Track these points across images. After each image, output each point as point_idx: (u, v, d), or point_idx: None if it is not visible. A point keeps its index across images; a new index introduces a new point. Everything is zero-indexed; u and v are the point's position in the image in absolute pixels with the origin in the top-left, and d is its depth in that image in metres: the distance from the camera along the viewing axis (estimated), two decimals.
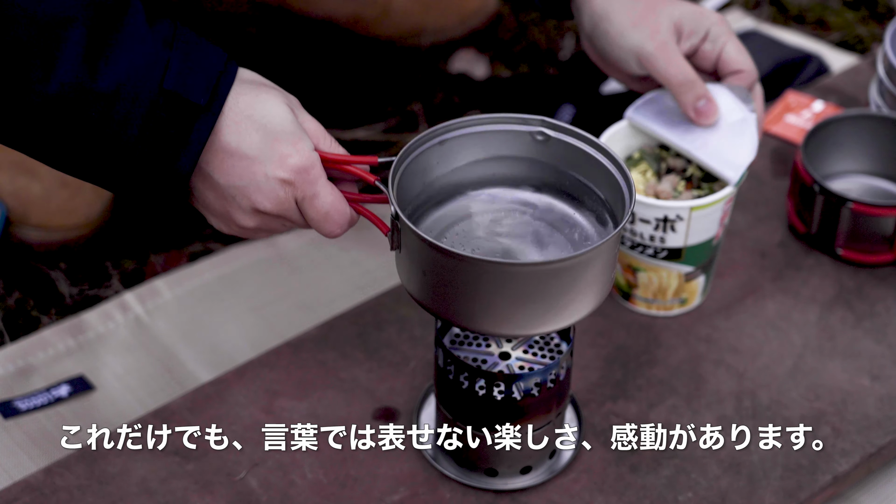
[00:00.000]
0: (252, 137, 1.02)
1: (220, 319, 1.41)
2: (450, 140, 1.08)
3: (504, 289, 0.99)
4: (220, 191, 1.04)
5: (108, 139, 0.99)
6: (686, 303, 1.29)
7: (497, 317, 1.01)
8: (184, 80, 0.99)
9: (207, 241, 1.53)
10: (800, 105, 1.53)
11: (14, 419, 1.28)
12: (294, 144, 1.03)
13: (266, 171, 1.02)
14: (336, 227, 1.06)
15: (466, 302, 1.01)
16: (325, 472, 1.14)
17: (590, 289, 1.02)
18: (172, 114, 0.99)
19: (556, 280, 1.00)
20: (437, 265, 1.01)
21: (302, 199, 1.04)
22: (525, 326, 1.02)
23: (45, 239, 1.48)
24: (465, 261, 0.99)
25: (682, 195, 1.23)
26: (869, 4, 1.92)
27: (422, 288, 1.03)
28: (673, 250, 1.24)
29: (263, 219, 1.05)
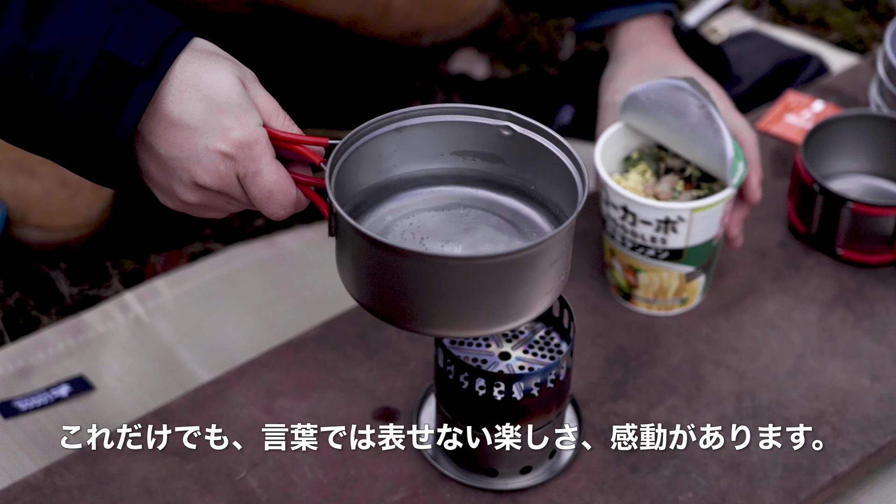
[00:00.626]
0: (195, 107, 0.98)
1: (220, 319, 1.41)
2: (409, 128, 1.04)
3: (435, 283, 0.95)
4: (161, 162, 1.00)
5: (45, 102, 0.97)
6: (686, 302, 1.29)
7: (429, 315, 0.97)
8: (125, 43, 0.96)
9: (207, 241, 1.53)
10: (800, 105, 1.53)
11: (14, 419, 1.28)
12: (238, 118, 0.99)
13: (207, 143, 0.98)
14: (279, 207, 1.01)
15: (397, 297, 0.97)
16: (325, 472, 1.14)
17: (536, 289, 0.97)
18: (111, 77, 0.96)
19: (513, 272, 0.95)
20: (373, 260, 0.96)
21: (244, 176, 1.00)
22: (465, 327, 0.98)
23: (45, 239, 1.48)
24: (388, 250, 0.94)
25: (682, 195, 1.23)
26: (869, 4, 1.92)
27: (361, 287, 0.99)
28: (674, 251, 1.24)
29: (205, 194, 1.01)
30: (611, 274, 1.29)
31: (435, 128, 1.05)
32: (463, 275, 0.95)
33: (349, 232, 0.97)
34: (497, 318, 0.98)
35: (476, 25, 1.82)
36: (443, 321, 0.98)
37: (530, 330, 1.14)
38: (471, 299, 0.96)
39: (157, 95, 0.98)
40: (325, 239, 1.50)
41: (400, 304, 0.97)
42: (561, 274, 1.00)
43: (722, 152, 1.20)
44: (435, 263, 0.95)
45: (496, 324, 0.98)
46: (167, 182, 1.01)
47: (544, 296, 0.99)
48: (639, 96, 1.24)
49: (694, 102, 1.20)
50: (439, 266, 0.95)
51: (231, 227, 1.55)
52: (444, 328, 0.98)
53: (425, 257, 0.95)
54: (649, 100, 1.23)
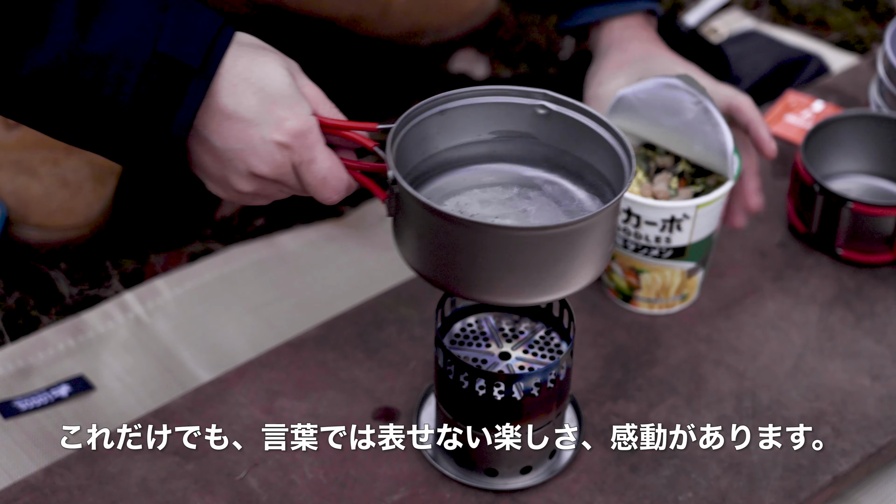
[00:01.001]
0: (249, 100, 1.01)
1: (220, 319, 1.41)
2: (451, 110, 1.07)
3: (500, 254, 0.98)
4: (217, 154, 1.03)
5: (101, 103, 0.99)
6: (686, 298, 1.29)
7: (493, 284, 1.00)
8: (177, 43, 0.99)
9: (207, 241, 1.53)
10: (800, 105, 1.53)
11: (14, 419, 1.28)
12: (291, 108, 1.02)
13: (263, 134, 1.01)
14: (333, 192, 1.04)
15: (463, 268, 1.00)
16: (325, 472, 1.14)
17: (586, 260, 1.01)
18: (166, 76, 0.99)
19: (553, 247, 0.98)
20: (434, 230, 0.99)
21: (299, 164, 1.03)
22: (519, 295, 1.01)
23: (46, 239, 1.48)
24: (462, 224, 0.98)
25: (680, 193, 1.23)
26: (869, 4, 1.92)
27: (418, 255, 1.02)
28: (678, 249, 1.24)
29: (260, 183, 1.04)
30: (609, 278, 1.29)
31: (474, 109, 1.08)
32: (520, 245, 0.98)
33: (413, 206, 1.00)
34: (548, 288, 1.01)
35: (476, 25, 1.82)
36: (498, 289, 1.01)
37: (530, 330, 1.14)
38: (526, 268, 0.99)
39: (211, 90, 1.01)
40: (325, 239, 1.50)
41: (460, 272, 1.00)
42: (609, 247, 1.03)
43: (722, 146, 1.20)
44: (499, 234, 0.98)
45: (546, 293, 1.01)
46: (222, 173, 1.04)
47: (592, 267, 1.02)
48: (629, 98, 1.23)
49: (689, 99, 1.20)
50: (502, 237, 0.98)
51: (231, 227, 1.55)
52: (499, 296, 1.01)
53: (489, 228, 0.98)
54: (640, 100, 1.23)
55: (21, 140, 1.48)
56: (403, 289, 1.31)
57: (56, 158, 1.48)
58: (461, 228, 0.98)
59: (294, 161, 1.03)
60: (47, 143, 1.48)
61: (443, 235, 0.99)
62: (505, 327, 1.15)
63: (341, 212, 1.57)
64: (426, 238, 1.01)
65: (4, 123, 1.48)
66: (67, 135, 1.02)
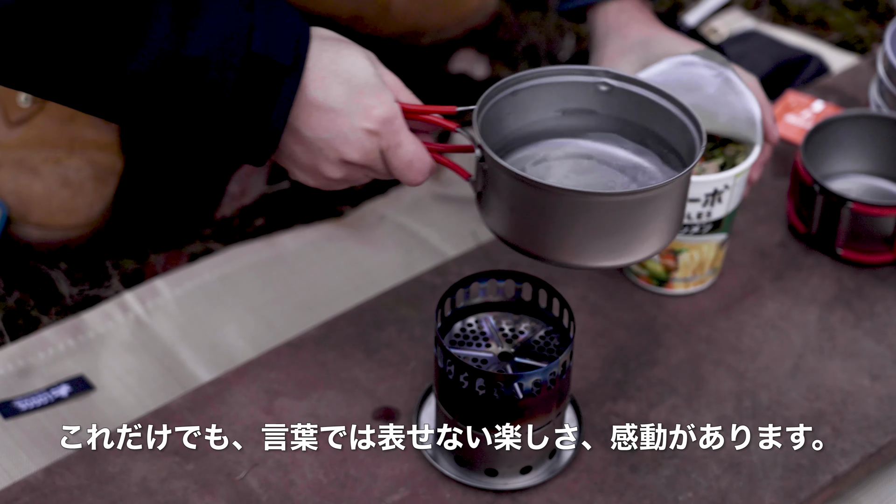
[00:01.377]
0: (337, 91, 1.06)
1: (220, 319, 1.41)
2: (521, 91, 1.12)
3: (590, 219, 1.03)
4: (307, 144, 1.08)
5: (201, 103, 1.03)
6: (717, 271, 1.32)
7: (584, 248, 1.05)
8: (270, 43, 1.03)
9: (207, 241, 1.53)
10: (800, 105, 1.53)
11: (14, 419, 1.28)
12: (377, 96, 1.07)
13: (352, 122, 1.06)
14: (419, 174, 1.09)
15: (555, 234, 1.04)
16: (325, 472, 1.14)
17: (667, 222, 1.06)
18: (261, 75, 1.04)
19: (642, 210, 1.04)
20: (526, 200, 1.04)
21: (387, 149, 1.08)
22: (608, 258, 1.05)
23: (46, 238, 1.48)
24: (556, 192, 1.02)
25: (706, 168, 1.24)
26: (869, 4, 1.92)
27: (510, 225, 1.07)
28: (716, 222, 1.26)
29: (350, 169, 1.09)
30: (641, 266, 1.30)
31: (541, 89, 1.13)
32: (608, 210, 1.03)
33: (505, 179, 1.04)
34: (632, 251, 1.06)
35: (476, 25, 1.82)
36: (587, 253, 1.05)
37: (530, 330, 1.14)
38: (625, 230, 1.05)
39: (301, 83, 1.05)
40: (325, 239, 1.50)
41: (550, 239, 1.05)
42: (683, 212, 1.09)
43: (749, 114, 1.23)
44: (590, 200, 1.03)
45: (630, 256, 1.06)
46: (313, 162, 1.09)
47: (669, 230, 1.07)
48: None
49: (709, 73, 1.21)
50: (592, 203, 1.03)
51: (231, 227, 1.55)
52: (587, 259, 1.06)
53: (582, 195, 1.03)
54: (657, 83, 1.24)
55: (23, 139, 1.48)
56: (403, 289, 1.31)
57: (58, 158, 1.48)
58: (554, 196, 1.03)
59: (382, 146, 1.08)
60: (49, 143, 1.48)
61: (534, 204, 1.04)
62: (505, 327, 1.15)
63: (341, 212, 1.57)
64: (517, 208, 1.05)
65: (6, 122, 1.48)
66: (164, 131, 1.07)
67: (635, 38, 1.31)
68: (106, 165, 1.51)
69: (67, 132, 1.49)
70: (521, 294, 1.16)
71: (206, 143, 1.07)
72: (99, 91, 1.02)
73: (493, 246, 1.36)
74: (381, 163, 1.09)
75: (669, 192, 1.05)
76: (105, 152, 1.51)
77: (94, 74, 1.01)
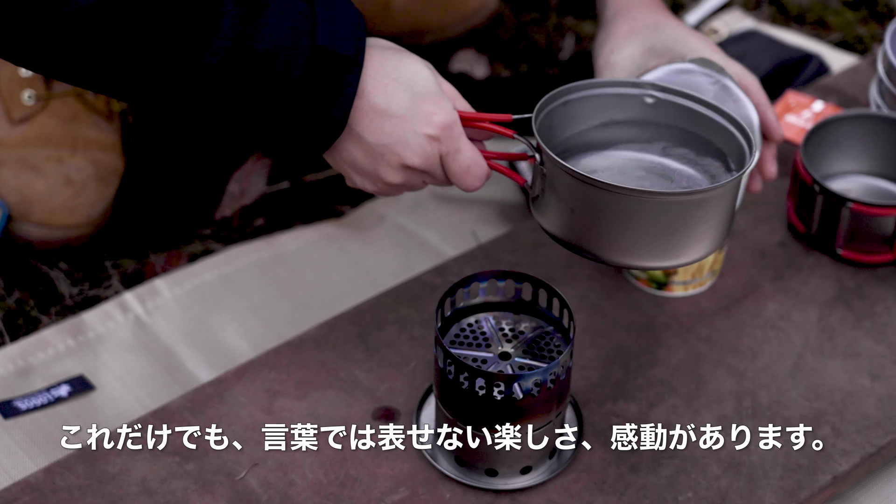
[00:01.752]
0: (399, 98, 1.09)
1: (220, 319, 1.41)
2: (572, 101, 1.16)
3: (648, 219, 1.06)
4: (369, 149, 1.10)
5: (267, 95, 1.06)
6: (716, 273, 1.31)
7: (639, 248, 1.08)
8: (333, 35, 1.06)
9: (207, 241, 1.53)
10: (800, 105, 1.53)
11: (14, 419, 1.28)
12: (438, 103, 1.09)
13: (414, 128, 1.09)
14: (476, 180, 1.12)
15: (612, 234, 1.07)
16: (325, 472, 1.14)
17: (719, 225, 1.10)
18: (325, 67, 1.06)
19: (698, 211, 1.07)
20: (587, 200, 1.07)
21: (446, 154, 1.10)
22: (661, 258, 1.09)
23: (47, 237, 1.48)
24: (616, 191, 1.05)
25: None
26: (869, 4, 1.92)
27: (569, 226, 1.09)
28: None
29: (409, 175, 1.11)
30: (640, 270, 1.30)
31: (591, 100, 1.17)
32: (668, 210, 1.07)
33: (566, 181, 1.08)
34: (686, 252, 1.09)
35: (476, 24, 1.82)
36: (645, 253, 1.09)
37: (530, 330, 1.14)
38: (683, 230, 1.08)
39: (363, 90, 1.08)
40: (325, 239, 1.50)
41: (609, 240, 1.08)
42: (731, 219, 1.12)
43: (747, 119, 1.23)
44: (652, 200, 1.06)
45: (685, 257, 1.10)
46: (373, 168, 1.11)
47: (722, 233, 1.11)
48: None
49: (706, 80, 1.21)
50: (664, 203, 1.06)
51: (231, 227, 1.55)
52: (644, 260, 1.09)
53: (637, 192, 1.06)
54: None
55: (25, 137, 1.48)
56: (403, 289, 1.31)
57: (60, 156, 1.48)
58: (614, 196, 1.06)
59: (442, 152, 1.10)
60: (52, 141, 1.48)
61: (594, 204, 1.07)
62: (505, 327, 1.15)
63: (341, 212, 1.57)
64: (577, 209, 1.08)
65: (9, 120, 1.48)
66: (229, 124, 1.09)
67: (644, 22, 1.31)
68: (108, 165, 1.51)
69: (70, 131, 1.49)
70: (521, 294, 1.16)
71: (267, 133, 1.09)
72: (168, 85, 1.05)
73: (492, 246, 1.36)
74: (440, 169, 1.11)
75: (722, 195, 1.08)
76: (107, 153, 1.51)
77: (164, 69, 1.03)
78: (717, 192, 1.08)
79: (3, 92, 1.48)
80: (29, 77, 1.48)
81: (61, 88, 1.49)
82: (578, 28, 1.86)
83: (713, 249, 1.11)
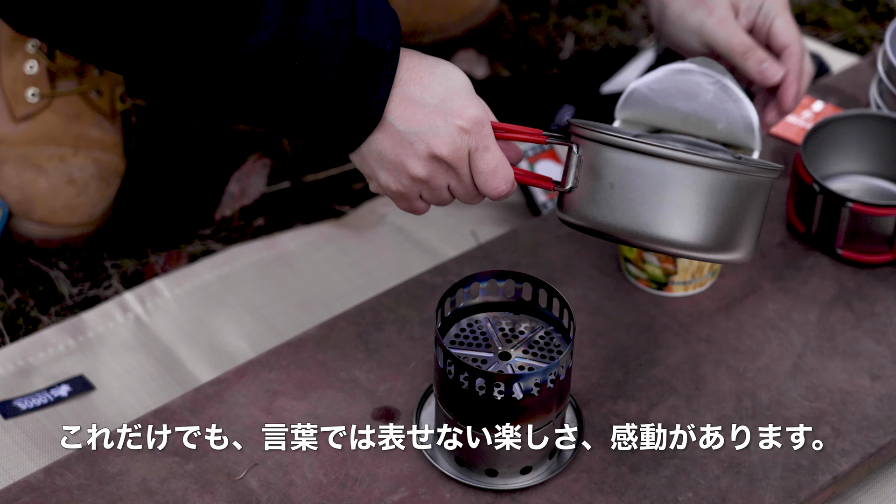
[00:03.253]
0: (435, 90, 1.09)
1: (220, 319, 1.41)
2: None
3: (696, 190, 1.06)
4: (398, 138, 1.09)
5: (305, 86, 1.07)
6: (716, 274, 1.31)
7: (686, 224, 1.06)
8: (372, 29, 1.07)
9: (207, 241, 1.53)
10: (800, 105, 1.53)
11: (14, 419, 1.28)
12: (472, 100, 1.10)
13: (446, 118, 1.09)
14: (503, 182, 1.11)
15: (657, 206, 1.06)
16: (325, 472, 1.14)
17: (758, 222, 1.10)
18: (363, 61, 1.07)
19: (750, 193, 1.08)
20: (631, 169, 1.06)
21: (475, 150, 1.10)
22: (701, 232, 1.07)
23: (48, 235, 1.48)
24: (664, 155, 1.05)
25: None
26: (869, 4, 1.92)
27: (608, 205, 1.08)
28: None
29: (435, 168, 1.10)
30: (640, 269, 1.30)
31: None
32: (729, 182, 1.07)
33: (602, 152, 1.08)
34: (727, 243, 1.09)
35: (476, 24, 1.82)
36: (696, 232, 1.07)
37: (530, 330, 1.14)
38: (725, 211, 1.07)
39: (399, 79, 1.09)
40: (325, 239, 1.50)
41: (664, 213, 1.07)
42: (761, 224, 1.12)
43: (747, 120, 1.23)
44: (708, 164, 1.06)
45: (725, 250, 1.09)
46: (400, 158, 1.10)
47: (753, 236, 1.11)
48: (641, 90, 1.24)
49: (706, 80, 1.22)
50: (710, 172, 1.06)
51: (231, 227, 1.55)
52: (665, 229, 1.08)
53: (702, 158, 1.06)
54: (654, 91, 1.24)
55: (28, 135, 1.48)
56: (403, 289, 1.31)
57: (63, 155, 1.48)
58: (661, 161, 1.05)
59: (471, 147, 1.10)
60: (54, 140, 1.48)
61: (639, 174, 1.06)
62: (505, 328, 1.15)
63: (341, 212, 1.57)
64: (618, 183, 1.07)
65: (12, 118, 1.48)
66: (262, 114, 1.09)
67: None
68: (110, 166, 1.51)
69: (73, 130, 1.49)
70: (521, 294, 1.16)
71: (302, 125, 1.09)
72: (209, 73, 1.05)
73: (492, 246, 1.36)
74: (467, 166, 1.11)
75: (762, 183, 1.09)
76: (109, 153, 1.51)
77: (205, 57, 1.04)
78: (771, 176, 1.08)
79: (7, 90, 1.48)
80: (33, 75, 1.48)
81: (65, 87, 1.49)
82: (578, 28, 1.86)
83: (748, 253, 1.10)
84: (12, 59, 1.48)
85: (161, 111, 1.67)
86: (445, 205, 1.14)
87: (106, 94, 1.51)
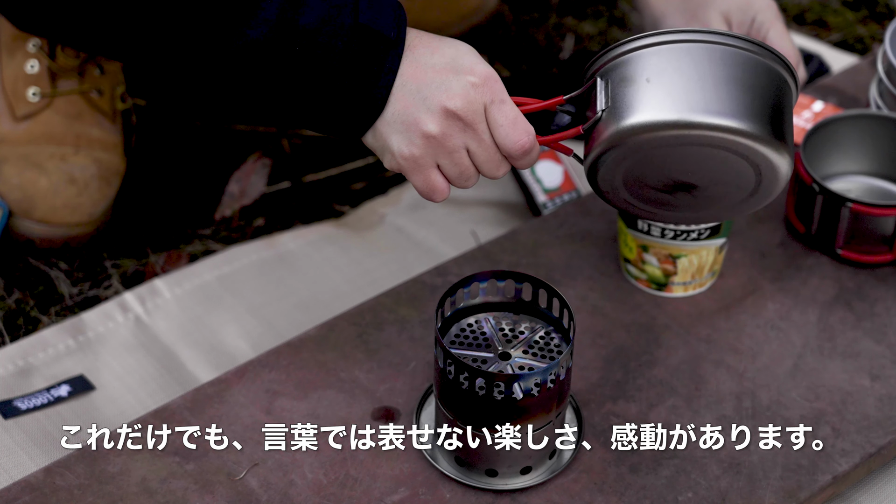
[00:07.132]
0: (445, 52, 1.09)
1: (220, 319, 1.41)
2: None
3: (727, 65, 1.07)
4: (410, 96, 1.08)
5: (309, 72, 1.06)
6: (716, 274, 1.31)
7: (730, 101, 1.06)
8: (375, 15, 1.07)
9: (207, 241, 1.53)
10: (800, 105, 1.53)
11: (14, 419, 1.28)
12: (481, 61, 1.09)
13: (458, 74, 1.08)
14: (524, 134, 1.09)
15: (699, 88, 1.06)
16: (325, 472, 1.14)
17: (791, 127, 1.10)
18: (366, 47, 1.07)
19: (768, 76, 1.08)
20: (667, 59, 1.07)
21: (491, 103, 1.08)
22: (749, 120, 1.06)
23: (48, 235, 1.48)
24: (693, 39, 1.07)
25: None
26: (869, 4, 1.92)
27: (650, 101, 1.07)
28: (715, 227, 1.26)
29: (449, 126, 1.08)
30: (640, 270, 1.30)
31: None
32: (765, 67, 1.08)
33: (634, 59, 1.08)
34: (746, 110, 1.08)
35: (476, 23, 1.82)
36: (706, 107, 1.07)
37: (530, 330, 1.14)
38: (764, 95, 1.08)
39: (409, 45, 1.09)
40: (325, 239, 1.50)
41: (705, 93, 1.07)
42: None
43: None
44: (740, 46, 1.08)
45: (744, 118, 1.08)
46: (413, 116, 1.08)
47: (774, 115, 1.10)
48: None
49: None
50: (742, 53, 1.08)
51: (231, 227, 1.55)
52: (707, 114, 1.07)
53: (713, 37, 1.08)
54: None
55: (29, 134, 1.48)
56: (403, 289, 1.31)
57: (64, 155, 1.48)
58: (697, 46, 1.07)
59: (486, 101, 1.08)
60: (55, 139, 1.48)
61: (676, 60, 1.07)
62: (505, 327, 1.15)
63: (341, 212, 1.57)
64: (654, 77, 1.07)
65: (13, 117, 1.48)
66: (266, 102, 1.09)
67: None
68: (110, 165, 1.51)
69: (74, 129, 1.49)
70: (521, 294, 1.16)
71: (307, 112, 1.09)
72: (212, 60, 1.05)
73: (492, 246, 1.37)
74: (484, 122, 1.09)
75: (782, 79, 1.10)
76: (110, 152, 1.51)
77: (208, 43, 1.04)
78: (774, 62, 1.09)
79: (8, 89, 1.48)
80: (34, 74, 1.48)
81: (66, 87, 1.49)
82: (578, 28, 1.86)
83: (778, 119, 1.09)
84: (13, 58, 1.48)
85: (161, 111, 1.67)
86: (468, 181, 1.11)
87: (106, 93, 1.51)
